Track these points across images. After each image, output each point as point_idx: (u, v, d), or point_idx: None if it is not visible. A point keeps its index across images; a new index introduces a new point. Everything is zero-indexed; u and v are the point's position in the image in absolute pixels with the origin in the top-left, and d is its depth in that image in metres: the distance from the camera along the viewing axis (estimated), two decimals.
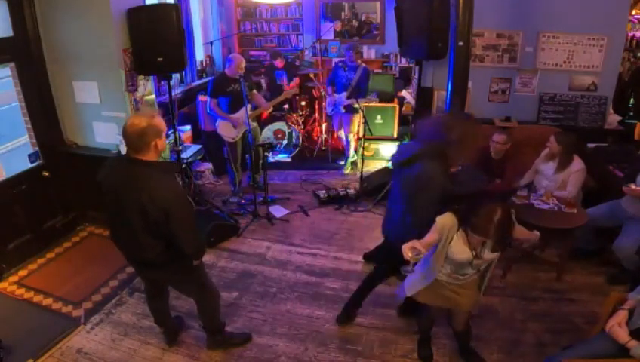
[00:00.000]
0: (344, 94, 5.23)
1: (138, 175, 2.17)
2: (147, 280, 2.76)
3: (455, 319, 2.67)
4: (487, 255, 2.24)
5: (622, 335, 2.13)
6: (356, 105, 5.03)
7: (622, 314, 2.22)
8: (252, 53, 7.57)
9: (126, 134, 2.15)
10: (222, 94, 4.58)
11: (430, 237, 2.21)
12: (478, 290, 2.49)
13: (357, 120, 5.33)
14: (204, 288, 2.71)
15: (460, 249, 2.22)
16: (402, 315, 3.16)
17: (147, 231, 2.23)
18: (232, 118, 4.63)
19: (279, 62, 6.20)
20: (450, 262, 2.31)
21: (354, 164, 5.62)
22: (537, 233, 2.48)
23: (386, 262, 2.95)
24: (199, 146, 5.25)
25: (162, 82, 5.00)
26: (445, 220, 2.22)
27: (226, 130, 4.69)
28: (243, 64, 4.58)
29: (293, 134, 6.06)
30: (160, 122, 2.23)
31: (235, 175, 4.94)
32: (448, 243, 2.23)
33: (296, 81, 6.27)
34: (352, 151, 5.60)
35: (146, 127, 2.14)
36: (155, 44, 3.64)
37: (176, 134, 4.33)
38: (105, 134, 4.02)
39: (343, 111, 5.33)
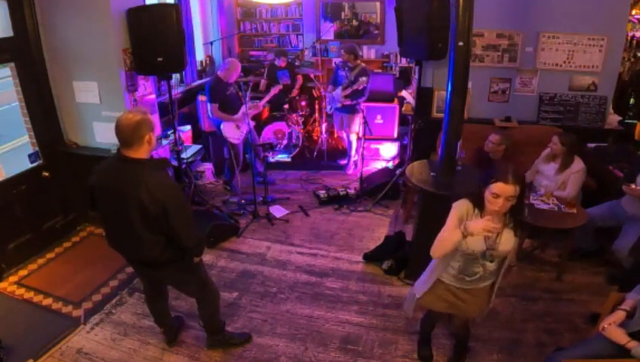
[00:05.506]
0: (339, 89, 5.17)
1: (133, 173, 2.18)
2: (147, 280, 2.76)
3: (452, 322, 2.64)
4: (502, 246, 2.16)
5: (619, 336, 2.11)
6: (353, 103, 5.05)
7: (619, 314, 2.21)
8: (252, 53, 7.56)
9: (120, 128, 2.16)
10: (222, 98, 4.61)
11: (452, 221, 2.17)
12: (487, 300, 2.39)
13: (357, 120, 5.32)
14: (205, 287, 2.71)
15: (474, 238, 2.12)
16: None
17: (148, 228, 2.23)
18: (236, 118, 4.68)
19: (282, 62, 6.16)
20: (461, 258, 2.23)
21: (355, 163, 5.61)
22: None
23: None
24: (199, 146, 5.26)
25: (162, 82, 5.00)
26: (462, 204, 2.20)
27: (231, 132, 4.71)
28: (236, 75, 4.61)
29: (293, 134, 6.05)
30: (152, 118, 2.28)
31: (230, 176, 4.95)
32: None
33: (278, 87, 5.79)
34: (353, 151, 5.59)
35: (140, 120, 2.17)
36: (155, 44, 3.65)
37: (177, 134, 4.33)
38: (105, 134, 4.01)
39: (339, 106, 5.26)
